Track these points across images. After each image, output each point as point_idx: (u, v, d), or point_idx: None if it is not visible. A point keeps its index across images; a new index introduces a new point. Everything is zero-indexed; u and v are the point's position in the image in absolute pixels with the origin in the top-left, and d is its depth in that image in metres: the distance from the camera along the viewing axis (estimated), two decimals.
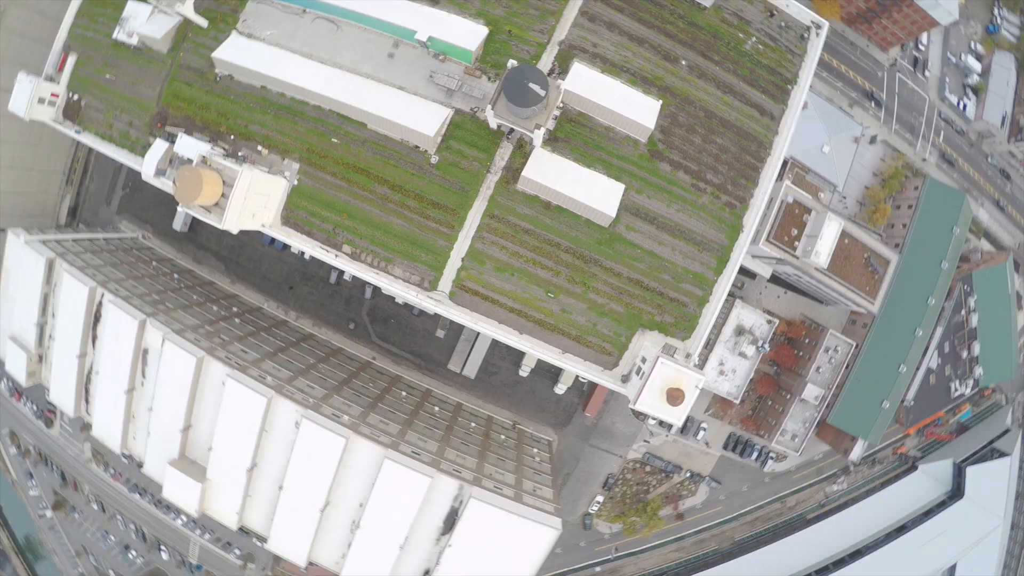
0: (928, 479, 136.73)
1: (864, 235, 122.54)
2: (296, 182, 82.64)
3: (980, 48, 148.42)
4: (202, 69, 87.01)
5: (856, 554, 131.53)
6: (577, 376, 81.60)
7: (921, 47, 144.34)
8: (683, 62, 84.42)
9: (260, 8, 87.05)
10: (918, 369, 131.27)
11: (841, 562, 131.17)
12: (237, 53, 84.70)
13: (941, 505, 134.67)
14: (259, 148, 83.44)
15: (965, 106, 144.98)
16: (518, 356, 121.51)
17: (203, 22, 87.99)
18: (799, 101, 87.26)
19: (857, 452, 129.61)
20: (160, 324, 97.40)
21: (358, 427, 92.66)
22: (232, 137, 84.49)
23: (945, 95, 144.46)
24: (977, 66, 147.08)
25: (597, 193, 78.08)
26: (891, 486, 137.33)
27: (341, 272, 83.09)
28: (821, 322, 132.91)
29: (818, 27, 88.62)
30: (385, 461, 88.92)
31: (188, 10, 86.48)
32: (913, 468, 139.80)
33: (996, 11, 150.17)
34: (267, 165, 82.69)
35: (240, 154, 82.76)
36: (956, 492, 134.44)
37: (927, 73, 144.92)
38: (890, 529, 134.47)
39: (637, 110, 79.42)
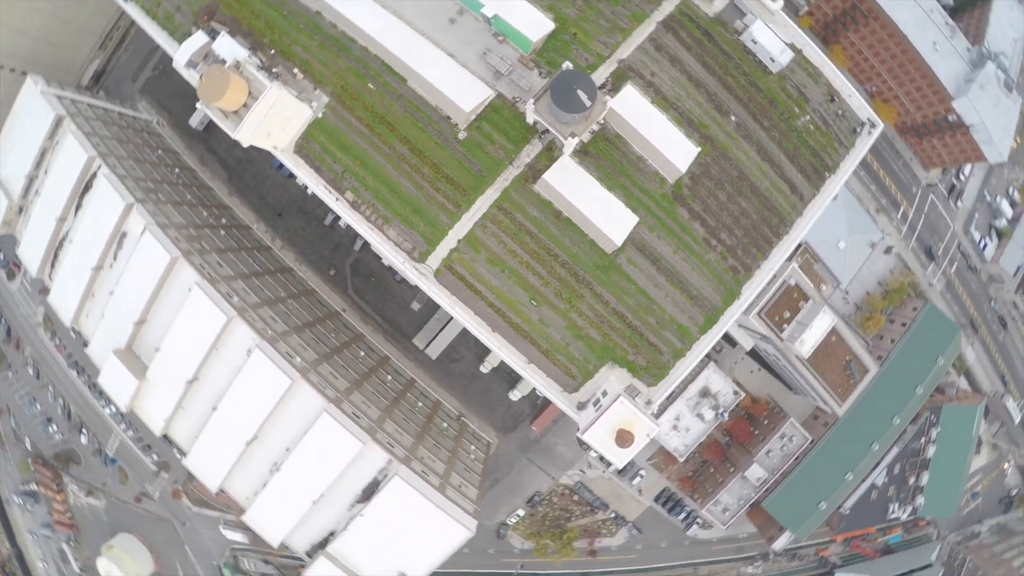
0: None
1: (852, 338, 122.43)
2: (320, 115, 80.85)
3: (1017, 195, 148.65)
4: None
5: None
6: (534, 389, 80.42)
7: (962, 176, 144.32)
8: (733, 117, 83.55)
9: None
10: (863, 481, 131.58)
11: None
12: None
13: None
14: (295, 70, 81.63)
15: (985, 246, 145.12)
16: (483, 351, 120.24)
17: None
18: (832, 191, 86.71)
19: (781, 543, 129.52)
20: (146, 213, 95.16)
21: (307, 372, 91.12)
22: (272, 52, 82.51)
23: (970, 229, 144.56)
24: (1009, 211, 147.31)
25: (610, 218, 76.95)
26: None
27: (337, 217, 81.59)
28: (785, 408, 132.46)
29: (872, 126, 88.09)
30: (323, 414, 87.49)
31: None
32: (830, 574, 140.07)
33: None
34: (297, 89, 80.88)
35: (275, 70, 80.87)
36: None
37: (959, 203, 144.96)
38: None
39: (674, 150, 78.39)
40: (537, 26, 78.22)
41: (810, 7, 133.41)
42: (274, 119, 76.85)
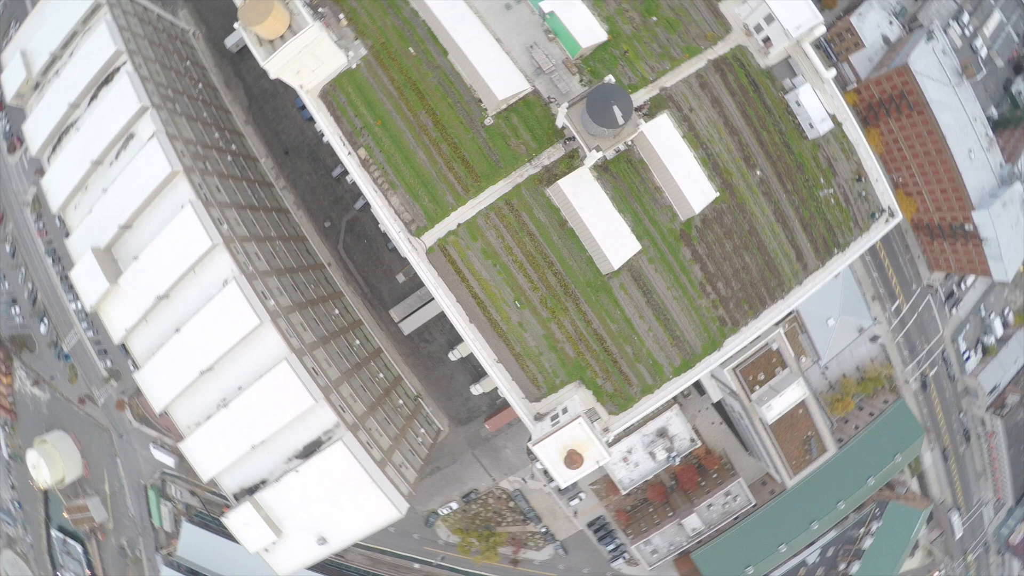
0: None
1: (819, 415, 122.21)
2: (354, 66, 79.48)
3: (1011, 317, 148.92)
4: None
5: None
6: (497, 388, 79.55)
7: (963, 286, 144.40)
8: (758, 172, 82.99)
9: None
10: (795, 556, 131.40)
11: None
12: None
13: None
14: (340, 16, 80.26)
15: (969, 358, 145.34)
16: (455, 338, 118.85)
17: None
18: (837, 268, 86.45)
19: None
20: (159, 119, 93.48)
21: (277, 317, 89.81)
22: None
23: (958, 339, 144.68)
24: (1000, 331, 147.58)
25: (613, 239, 76.06)
26: None
27: (345, 171, 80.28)
28: (736, 467, 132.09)
29: (892, 215, 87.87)
30: (283, 363, 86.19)
31: None
32: None
33: None
34: (338, 35, 79.46)
35: (320, 10, 79.41)
36: None
37: (954, 311, 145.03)
38: None
39: (693, 189, 77.66)
40: (590, 33, 77.22)
41: (859, 85, 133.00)
42: (307, 58, 75.49)
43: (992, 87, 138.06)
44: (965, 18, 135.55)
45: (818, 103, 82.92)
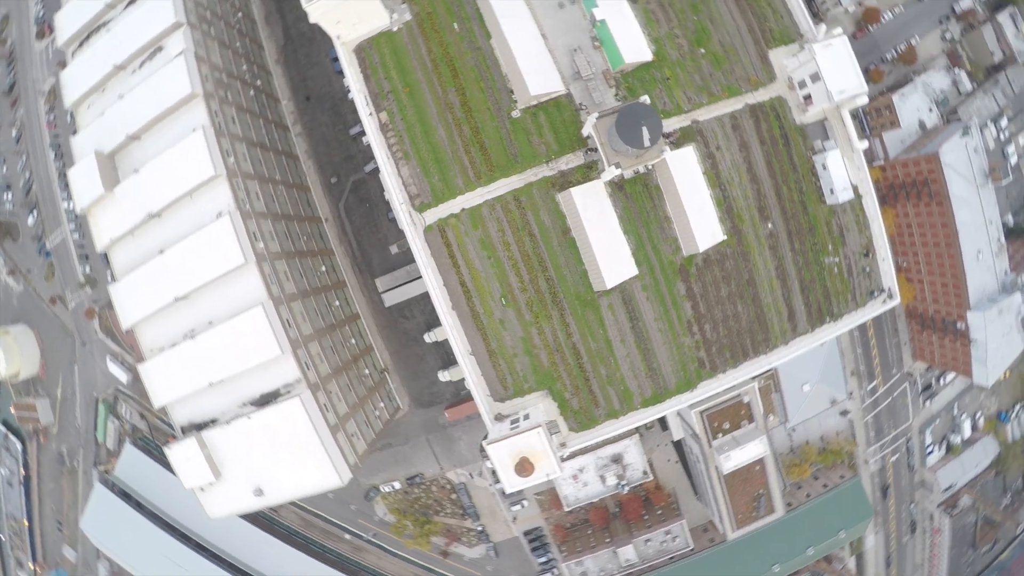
0: None
1: (774, 476, 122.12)
2: (395, 29, 78.20)
3: (981, 422, 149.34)
4: None
5: None
6: (464, 380, 78.67)
7: (942, 381, 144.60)
8: (770, 225, 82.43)
9: None
10: None
11: None
12: None
13: None
14: None
15: (932, 452, 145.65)
16: (434, 321, 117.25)
17: None
18: (825, 336, 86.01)
19: None
20: (190, 38, 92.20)
21: (263, 261, 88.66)
22: None
23: (926, 431, 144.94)
24: (967, 433, 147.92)
25: (612, 259, 75.07)
26: None
27: (362, 132, 79.05)
28: (682, 508, 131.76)
29: (890, 297, 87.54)
30: (259, 307, 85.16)
31: None
32: None
33: (1015, 408, 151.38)
34: None
35: None
36: None
37: (928, 403, 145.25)
38: None
39: (702, 227, 76.80)
40: (636, 50, 76.19)
41: (886, 163, 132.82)
42: (350, 10, 74.25)
43: (1015, 195, 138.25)
44: (1004, 122, 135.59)
45: (844, 171, 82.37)
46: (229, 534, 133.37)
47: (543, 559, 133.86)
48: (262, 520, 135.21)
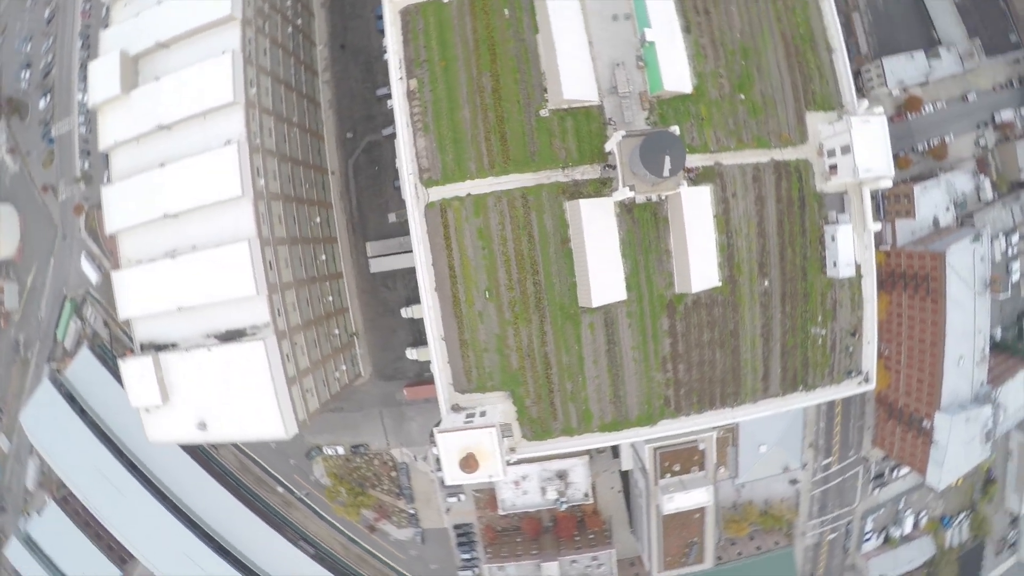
0: None
1: (711, 527, 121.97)
2: (445, 1, 76.94)
3: (924, 521, 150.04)
4: None
5: None
6: (430, 363, 77.65)
7: (895, 473, 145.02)
8: (766, 283, 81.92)
9: None
10: None
11: None
12: None
13: None
14: None
15: (869, 539, 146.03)
16: (414, 298, 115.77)
17: None
18: (793, 405, 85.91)
19: None
20: None
21: (260, 199, 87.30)
22: None
23: (868, 518, 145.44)
24: (907, 529, 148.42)
25: (605, 279, 74.05)
26: None
27: (388, 94, 77.83)
28: (614, 538, 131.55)
29: (866, 381, 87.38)
30: (244, 243, 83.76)
31: None
32: None
33: (959, 516, 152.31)
34: None
35: None
36: None
37: (876, 492, 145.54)
38: None
39: (699, 269, 76.11)
40: (678, 80, 75.27)
41: (892, 249, 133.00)
42: None
43: (1008, 311, 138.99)
44: (1015, 238, 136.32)
45: (851, 247, 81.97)
46: (164, 460, 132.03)
47: (467, 556, 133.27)
48: (199, 453, 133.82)
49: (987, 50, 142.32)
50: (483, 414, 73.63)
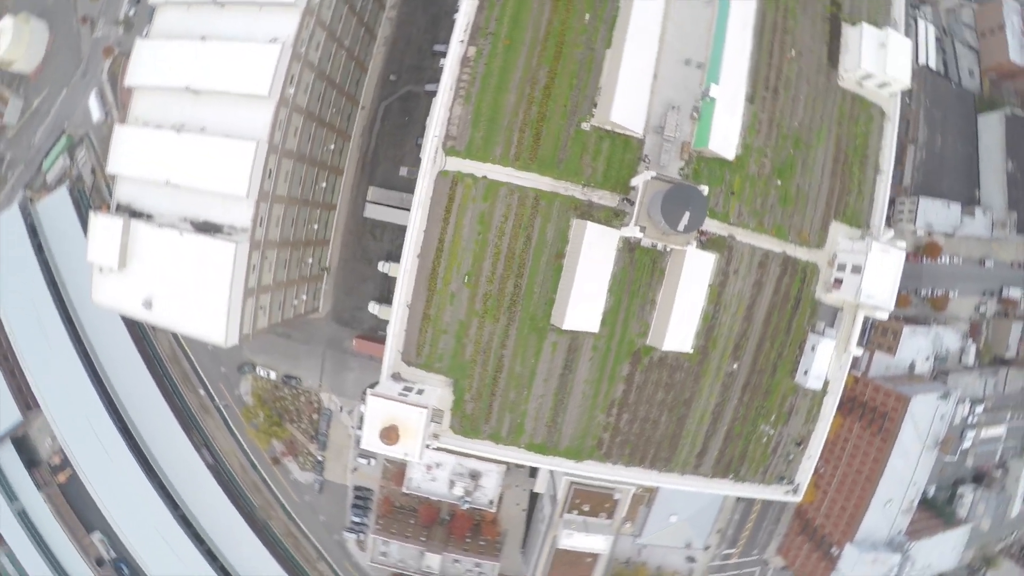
0: None
1: (598, 574, 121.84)
2: None
3: None
4: None
5: None
6: (387, 323, 76.05)
7: None
8: (735, 366, 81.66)
9: None
10: None
11: None
12: None
13: None
14: None
15: None
16: (396, 255, 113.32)
17: None
18: (717, 490, 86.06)
19: None
20: None
21: (284, 106, 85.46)
22: None
23: None
24: None
25: (584, 306, 72.99)
26: None
27: (444, 53, 76.13)
28: (503, 552, 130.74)
29: (793, 492, 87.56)
30: (253, 143, 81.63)
31: None
32: None
33: None
34: None
35: None
36: None
37: None
38: None
39: (677, 330, 75.29)
40: (724, 143, 74.44)
41: (861, 377, 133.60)
42: None
43: (947, 474, 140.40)
44: (979, 410, 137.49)
45: (827, 362, 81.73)
46: (100, 324, 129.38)
47: (357, 519, 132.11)
48: (136, 329, 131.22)
49: (1020, 226, 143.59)
50: (420, 392, 72.30)
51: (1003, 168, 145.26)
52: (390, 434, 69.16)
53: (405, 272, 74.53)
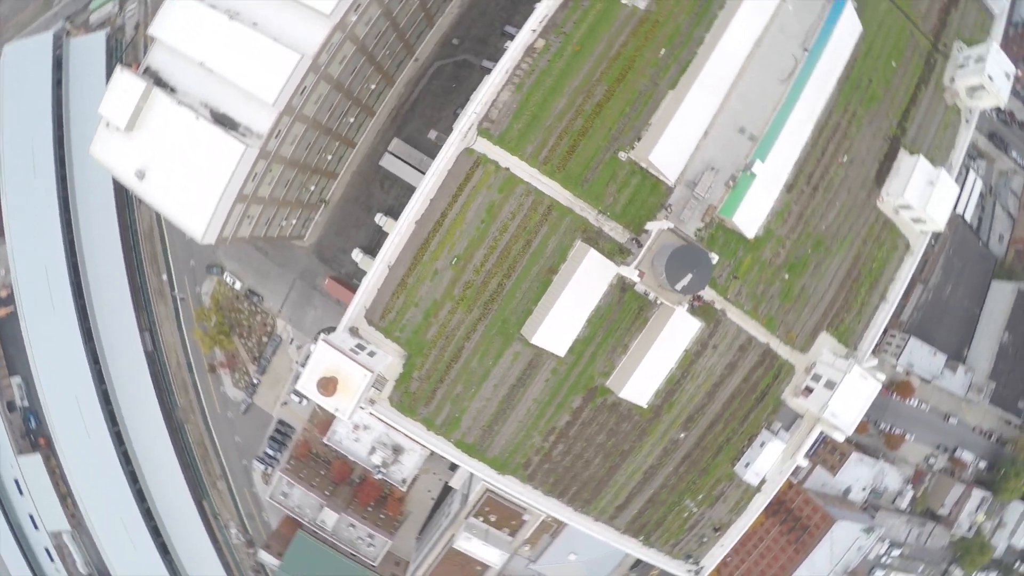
0: None
1: None
2: (624, 2, 73.70)
3: None
4: None
5: None
6: (365, 277, 74.23)
7: None
8: (682, 435, 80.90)
9: None
10: None
11: None
12: None
13: None
14: None
15: None
16: (397, 212, 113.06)
17: None
18: (624, 546, 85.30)
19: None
20: None
21: (339, 31, 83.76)
22: None
23: None
24: None
25: (559, 328, 71.64)
26: None
27: (512, 37, 74.70)
28: (399, 533, 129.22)
29: (696, 572, 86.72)
30: (297, 56, 79.90)
31: None
32: None
33: None
34: None
35: None
36: None
37: None
38: None
39: (639, 383, 74.13)
40: (747, 221, 73.29)
41: (796, 484, 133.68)
42: None
43: None
44: (896, 552, 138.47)
45: (770, 463, 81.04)
46: (91, 177, 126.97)
47: (271, 452, 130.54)
48: (122, 198, 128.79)
49: (994, 396, 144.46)
50: (372, 355, 70.65)
51: (998, 337, 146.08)
52: (328, 385, 67.58)
53: (398, 233, 72.81)
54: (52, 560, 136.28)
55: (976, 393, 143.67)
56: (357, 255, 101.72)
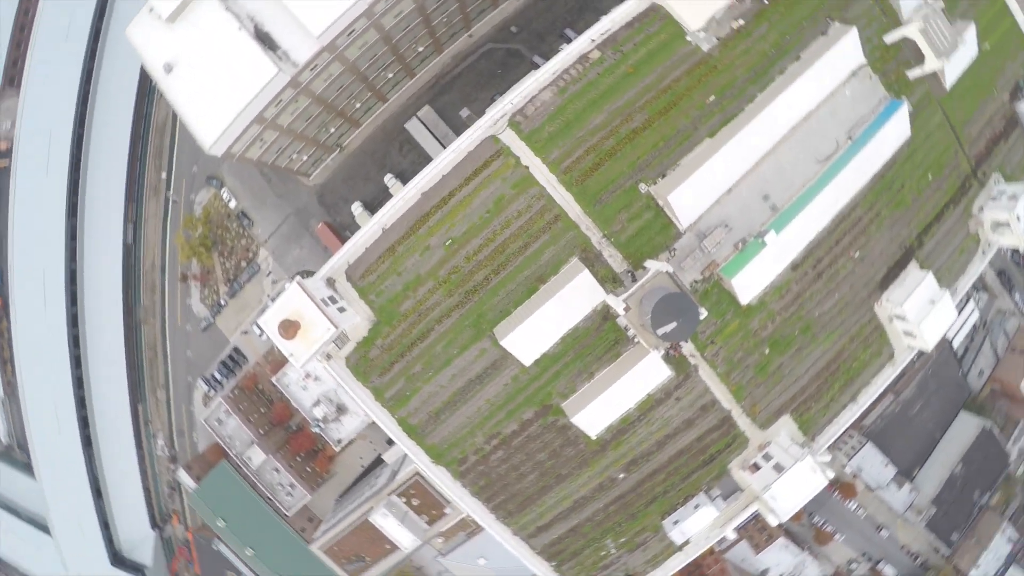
0: None
1: (388, 563, 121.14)
2: (689, 39, 73.25)
3: None
4: None
5: None
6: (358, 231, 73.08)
7: None
8: (621, 475, 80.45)
9: None
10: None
11: None
12: None
13: None
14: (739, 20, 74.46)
15: None
16: (409, 177, 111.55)
17: None
18: (534, 566, 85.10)
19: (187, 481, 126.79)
20: None
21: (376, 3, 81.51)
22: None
23: None
24: None
25: (533, 337, 70.77)
26: None
27: (570, 40, 73.86)
28: (322, 490, 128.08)
29: None
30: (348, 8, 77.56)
31: None
32: None
33: None
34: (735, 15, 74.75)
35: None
36: None
37: None
38: None
39: (595, 412, 73.24)
40: (746, 290, 73.37)
41: (717, 551, 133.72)
42: None
43: None
44: None
45: (699, 527, 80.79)
46: (121, 55, 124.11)
47: (217, 375, 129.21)
48: (144, 89, 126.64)
49: (931, 522, 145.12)
50: (342, 310, 69.40)
51: (952, 466, 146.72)
52: (290, 328, 66.31)
53: (402, 199, 71.70)
54: None
55: (915, 514, 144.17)
56: (357, 208, 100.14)
